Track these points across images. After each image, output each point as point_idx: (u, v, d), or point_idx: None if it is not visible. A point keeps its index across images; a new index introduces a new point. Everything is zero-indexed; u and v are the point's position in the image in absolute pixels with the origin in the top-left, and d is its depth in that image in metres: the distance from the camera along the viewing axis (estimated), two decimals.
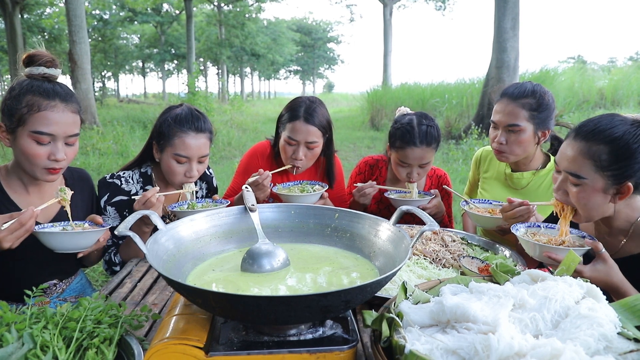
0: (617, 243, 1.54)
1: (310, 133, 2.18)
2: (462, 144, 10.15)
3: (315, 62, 57.66)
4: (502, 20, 10.39)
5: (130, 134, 11.44)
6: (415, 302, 1.08)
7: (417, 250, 1.76)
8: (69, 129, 1.62)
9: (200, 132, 1.94)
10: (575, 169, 1.44)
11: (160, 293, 1.57)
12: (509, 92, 2.06)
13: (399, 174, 2.27)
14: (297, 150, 2.21)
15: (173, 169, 1.93)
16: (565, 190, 1.50)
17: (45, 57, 1.62)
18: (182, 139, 1.90)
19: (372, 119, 15.95)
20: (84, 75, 11.64)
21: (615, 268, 1.36)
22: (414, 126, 2.14)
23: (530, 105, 2.01)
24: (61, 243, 1.51)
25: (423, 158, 2.16)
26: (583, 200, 1.45)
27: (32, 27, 22.79)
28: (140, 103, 27.01)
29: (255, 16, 33.64)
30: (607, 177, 1.40)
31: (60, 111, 1.59)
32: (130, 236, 1.05)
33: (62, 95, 1.61)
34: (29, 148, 1.57)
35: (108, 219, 1.95)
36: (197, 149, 1.92)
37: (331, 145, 2.38)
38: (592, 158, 1.41)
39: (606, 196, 1.43)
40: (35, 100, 1.56)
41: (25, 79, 1.62)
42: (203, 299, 0.95)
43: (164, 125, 1.94)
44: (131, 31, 36.04)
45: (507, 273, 1.22)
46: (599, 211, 1.47)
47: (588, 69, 18.75)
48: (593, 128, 1.43)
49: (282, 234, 1.42)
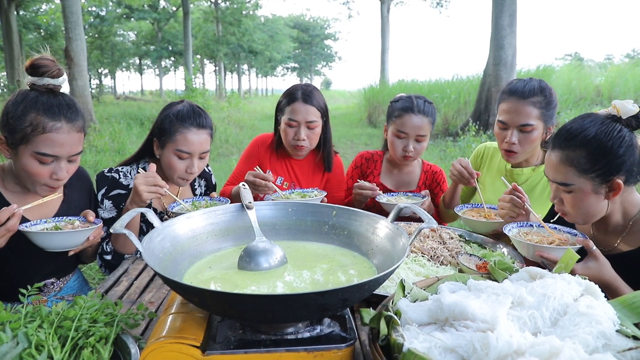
0: (615, 240, 1.54)
1: (310, 112, 2.25)
2: (460, 141, 10.16)
3: (313, 59, 57.60)
4: (499, 17, 10.39)
5: (127, 131, 11.40)
6: (413, 300, 1.07)
7: (415, 248, 1.75)
8: (72, 149, 1.59)
9: (202, 128, 1.95)
10: (560, 178, 1.46)
11: (157, 291, 1.57)
12: (518, 91, 2.01)
13: (395, 150, 2.31)
14: (298, 132, 2.26)
15: (174, 165, 1.93)
16: (560, 199, 1.52)
17: (52, 69, 1.55)
18: (183, 134, 1.90)
19: (370, 116, 15.96)
20: (80, 72, 11.57)
21: (607, 265, 1.37)
22: (413, 99, 2.29)
23: (540, 104, 1.98)
24: (49, 242, 1.50)
25: (420, 128, 2.25)
26: (578, 205, 1.47)
27: (28, 23, 22.65)
28: (137, 100, 26.94)
29: (253, 13, 33.56)
30: (592, 178, 1.41)
31: (66, 132, 1.55)
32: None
33: (68, 115, 1.56)
34: (31, 167, 1.54)
35: (104, 212, 1.94)
36: (199, 144, 1.93)
37: (328, 130, 2.42)
38: (572, 165, 1.43)
39: (599, 196, 1.44)
40: (40, 121, 1.50)
41: (29, 91, 1.56)
42: (199, 298, 0.94)
43: (165, 121, 1.94)
44: (128, 28, 35.90)
45: (505, 270, 1.22)
46: (595, 212, 1.48)
47: (585, 66, 18.76)
48: (566, 135, 1.45)
49: (279, 232, 1.41)
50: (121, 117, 13.98)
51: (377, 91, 16.52)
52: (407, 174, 2.50)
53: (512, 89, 2.04)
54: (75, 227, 1.59)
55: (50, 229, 1.56)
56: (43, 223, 1.58)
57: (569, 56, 51.73)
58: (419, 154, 2.35)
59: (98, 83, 33.96)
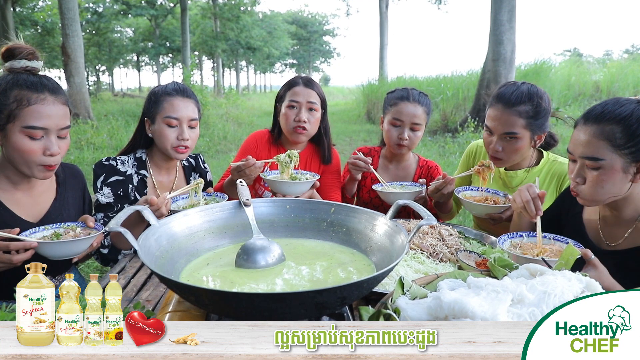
0: (621, 234, 1.53)
1: (311, 94, 2.30)
2: (459, 137, 10.14)
3: (311, 55, 57.42)
4: (498, 12, 10.36)
5: (125, 128, 11.34)
6: (412, 297, 1.06)
7: (414, 245, 1.74)
8: (61, 122, 1.59)
9: (188, 97, 2.04)
10: (591, 152, 1.43)
11: (154, 289, 1.55)
12: (505, 98, 1.95)
13: (390, 138, 2.34)
14: (299, 113, 2.28)
15: (165, 134, 1.98)
16: (583, 177, 1.48)
17: (26, 50, 1.59)
18: (170, 102, 1.99)
19: (368, 112, 15.92)
20: (77, 68, 11.53)
21: (605, 273, 1.36)
22: (408, 89, 2.37)
23: (527, 113, 1.93)
24: (53, 251, 1.48)
25: (415, 116, 2.28)
26: (602, 183, 1.44)
27: (24, 20, 22.53)
28: (135, 97, 26.81)
29: (251, 9, 33.40)
30: (625, 155, 1.40)
31: (51, 104, 1.56)
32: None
33: (50, 88, 1.57)
34: (22, 144, 1.53)
35: (102, 196, 1.96)
36: (185, 110, 2.00)
37: (326, 120, 2.45)
38: (607, 138, 1.41)
39: (625, 176, 1.42)
40: (24, 95, 1.52)
41: (8, 73, 1.57)
42: (196, 296, 0.93)
43: (152, 97, 2.04)
44: (125, 24, 35.72)
45: (505, 267, 1.21)
46: (616, 192, 1.46)
47: (584, 62, 18.76)
48: (602, 110, 1.44)
49: (277, 229, 1.40)
50: (119, 114, 13.93)
51: (375, 87, 16.47)
52: (403, 168, 2.50)
53: (500, 95, 1.98)
54: (77, 235, 1.56)
55: (49, 237, 1.53)
56: (42, 230, 1.55)
57: (568, 52, 51.75)
58: (414, 144, 2.36)
59: (95, 80, 33.80)
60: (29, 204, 1.69)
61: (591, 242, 1.61)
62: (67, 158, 6.87)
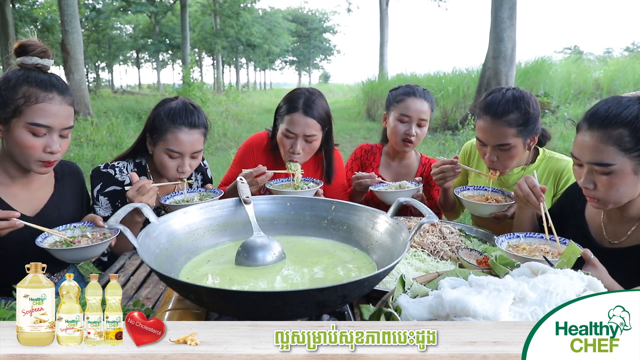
0: (625, 230, 1.53)
1: (309, 126, 2.13)
2: (459, 135, 10.13)
3: (311, 52, 57.31)
4: (499, 9, 10.33)
5: (124, 125, 11.33)
6: (413, 295, 1.06)
7: (415, 243, 1.74)
8: (65, 122, 1.61)
9: (194, 127, 1.91)
10: (601, 158, 1.40)
11: (154, 287, 1.55)
12: (492, 110, 1.91)
13: (397, 135, 2.30)
14: (294, 144, 2.15)
15: (165, 164, 1.91)
16: (594, 182, 1.45)
17: (39, 48, 1.60)
18: (174, 134, 1.87)
19: (369, 109, 15.89)
20: (77, 65, 11.49)
21: (604, 273, 1.35)
22: (412, 86, 2.38)
23: (517, 121, 1.89)
24: (72, 256, 1.46)
25: (422, 112, 2.29)
26: (615, 187, 1.41)
27: (24, 16, 22.47)
28: (134, 94, 26.78)
29: (251, 6, 33.33)
30: (634, 157, 1.37)
31: (58, 103, 1.58)
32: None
33: (59, 88, 1.59)
34: (24, 139, 1.54)
35: (100, 209, 1.92)
36: (189, 145, 1.89)
37: (330, 140, 2.33)
38: (615, 143, 1.38)
39: (637, 177, 1.40)
40: (32, 92, 1.54)
41: (19, 69, 1.59)
42: (196, 294, 0.93)
43: (157, 119, 1.91)
44: (125, 21, 35.65)
45: (506, 265, 1.21)
46: (630, 194, 1.43)
47: (584, 60, 18.71)
48: (606, 114, 1.40)
49: (277, 227, 1.40)
50: (119, 111, 13.89)
51: (376, 85, 16.44)
52: (405, 166, 2.49)
53: (487, 105, 1.94)
54: (92, 237, 1.54)
55: (61, 242, 1.51)
56: (59, 231, 1.53)
57: (569, 49, 51.61)
58: (419, 141, 2.36)
59: (95, 77, 33.68)
60: (26, 197, 1.69)
61: (593, 240, 1.60)
62: (67, 155, 6.85)
